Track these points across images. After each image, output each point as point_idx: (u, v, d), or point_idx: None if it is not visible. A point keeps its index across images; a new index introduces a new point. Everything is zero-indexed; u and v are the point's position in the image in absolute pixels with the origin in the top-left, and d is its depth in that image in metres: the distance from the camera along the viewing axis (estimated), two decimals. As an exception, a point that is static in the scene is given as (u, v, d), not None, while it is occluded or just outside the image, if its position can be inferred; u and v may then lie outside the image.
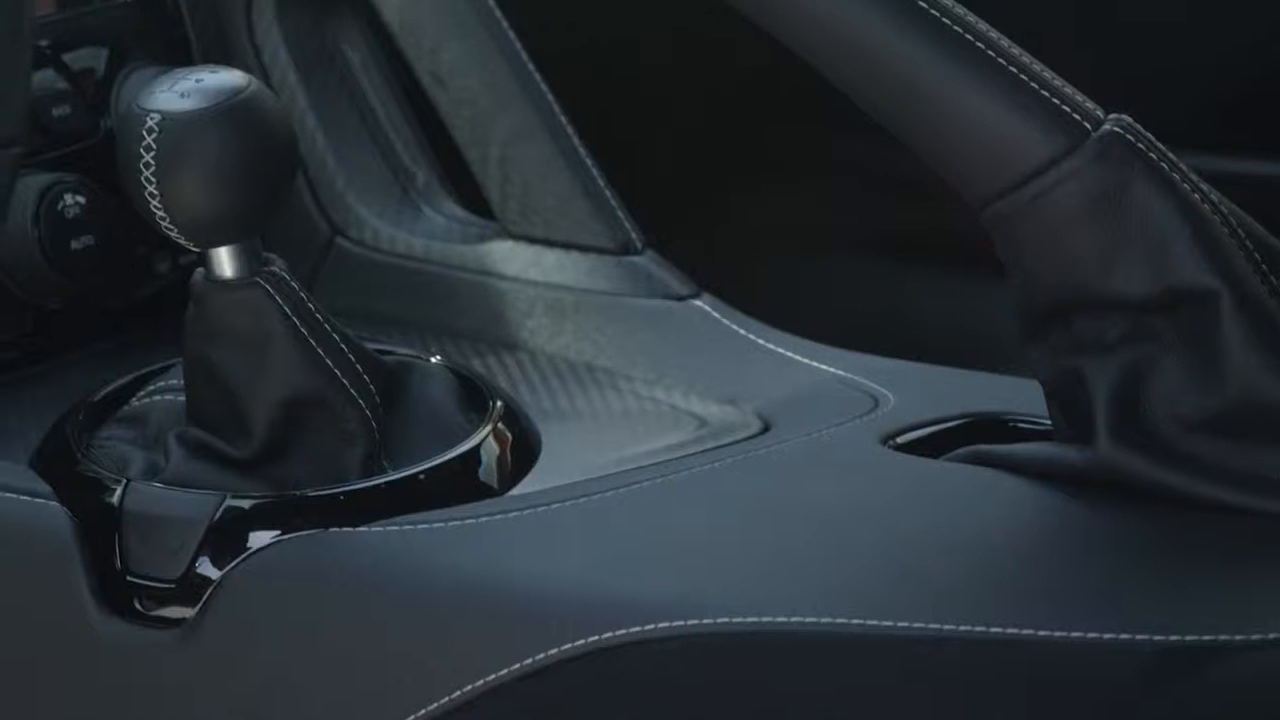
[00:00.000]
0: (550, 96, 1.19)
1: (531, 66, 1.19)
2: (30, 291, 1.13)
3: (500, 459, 1.02)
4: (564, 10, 1.48)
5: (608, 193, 1.18)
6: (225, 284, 0.98)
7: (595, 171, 1.19)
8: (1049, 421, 0.94)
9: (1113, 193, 0.88)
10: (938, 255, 1.52)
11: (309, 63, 1.23)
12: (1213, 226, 0.88)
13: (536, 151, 1.18)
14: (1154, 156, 0.88)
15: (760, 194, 1.63)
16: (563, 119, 1.19)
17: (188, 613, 0.95)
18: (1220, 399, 0.88)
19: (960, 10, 0.91)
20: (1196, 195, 0.88)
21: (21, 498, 0.99)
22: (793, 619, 0.86)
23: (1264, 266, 0.89)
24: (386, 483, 0.98)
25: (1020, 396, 1.00)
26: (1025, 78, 0.89)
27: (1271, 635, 0.82)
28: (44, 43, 1.15)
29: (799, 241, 1.62)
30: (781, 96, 1.55)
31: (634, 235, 1.18)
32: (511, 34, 1.19)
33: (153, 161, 0.94)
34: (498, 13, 1.20)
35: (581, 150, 1.19)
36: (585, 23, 1.51)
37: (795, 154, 1.62)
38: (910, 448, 0.99)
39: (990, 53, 0.90)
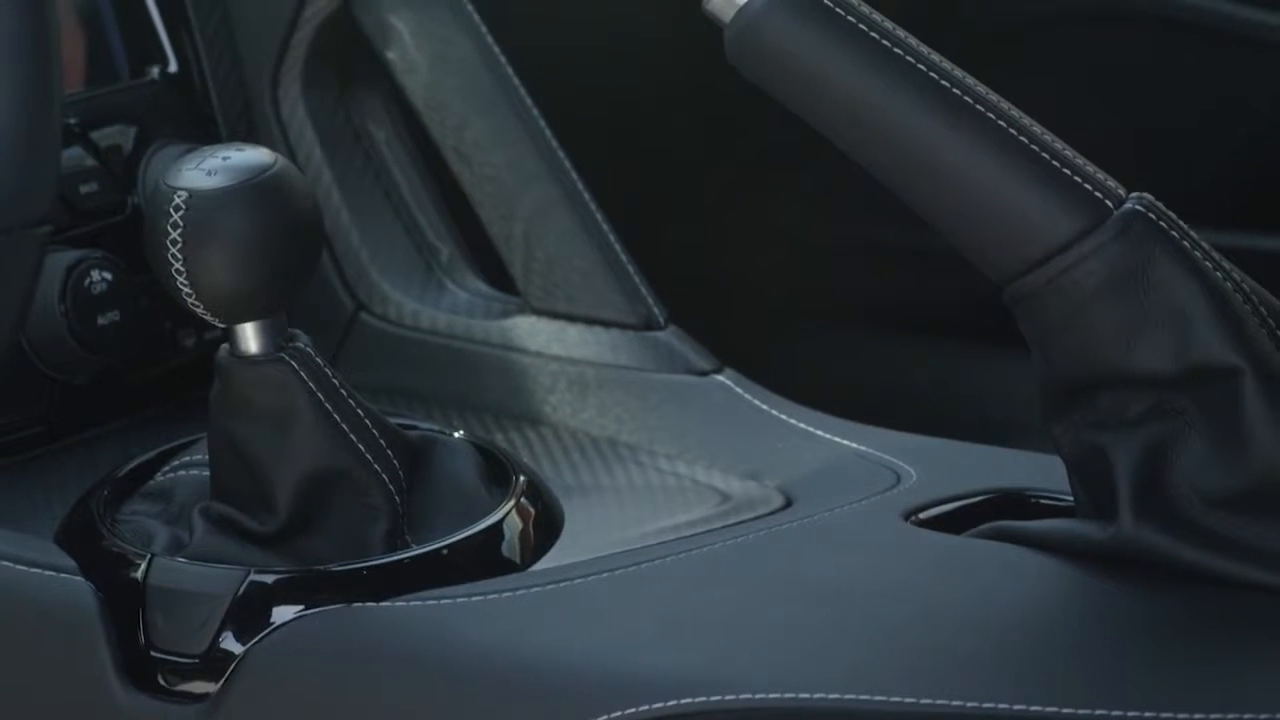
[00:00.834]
0: (574, 173, 1.20)
1: (555, 143, 1.20)
2: (56, 367, 1.13)
3: (523, 534, 1.02)
4: (585, 86, 1.49)
5: (630, 268, 1.19)
6: (250, 359, 0.98)
7: (618, 247, 1.19)
8: (1071, 498, 0.94)
9: (1135, 270, 0.88)
10: (960, 329, 1.52)
11: (334, 140, 1.24)
12: (1235, 303, 0.88)
13: (560, 227, 1.19)
14: (1175, 234, 0.89)
15: (780, 269, 1.63)
16: (586, 195, 1.19)
17: (211, 688, 0.95)
18: (1243, 476, 0.88)
19: (982, 89, 0.91)
20: (1218, 273, 0.89)
21: (47, 573, 0.99)
22: (815, 695, 0.86)
23: (1287, 343, 0.89)
24: (410, 558, 0.98)
25: (1042, 472, 1.00)
26: (1047, 156, 0.90)
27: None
28: (72, 121, 1.16)
29: (821, 316, 1.63)
30: (801, 174, 1.56)
31: (656, 311, 1.18)
32: (535, 111, 1.20)
33: (179, 238, 0.95)
34: (521, 90, 1.20)
35: (605, 226, 1.19)
36: (606, 99, 1.52)
37: (816, 230, 1.62)
38: (932, 523, 0.99)
39: (1012, 130, 0.90)
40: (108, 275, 1.13)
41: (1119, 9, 1.50)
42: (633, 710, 0.87)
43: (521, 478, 1.04)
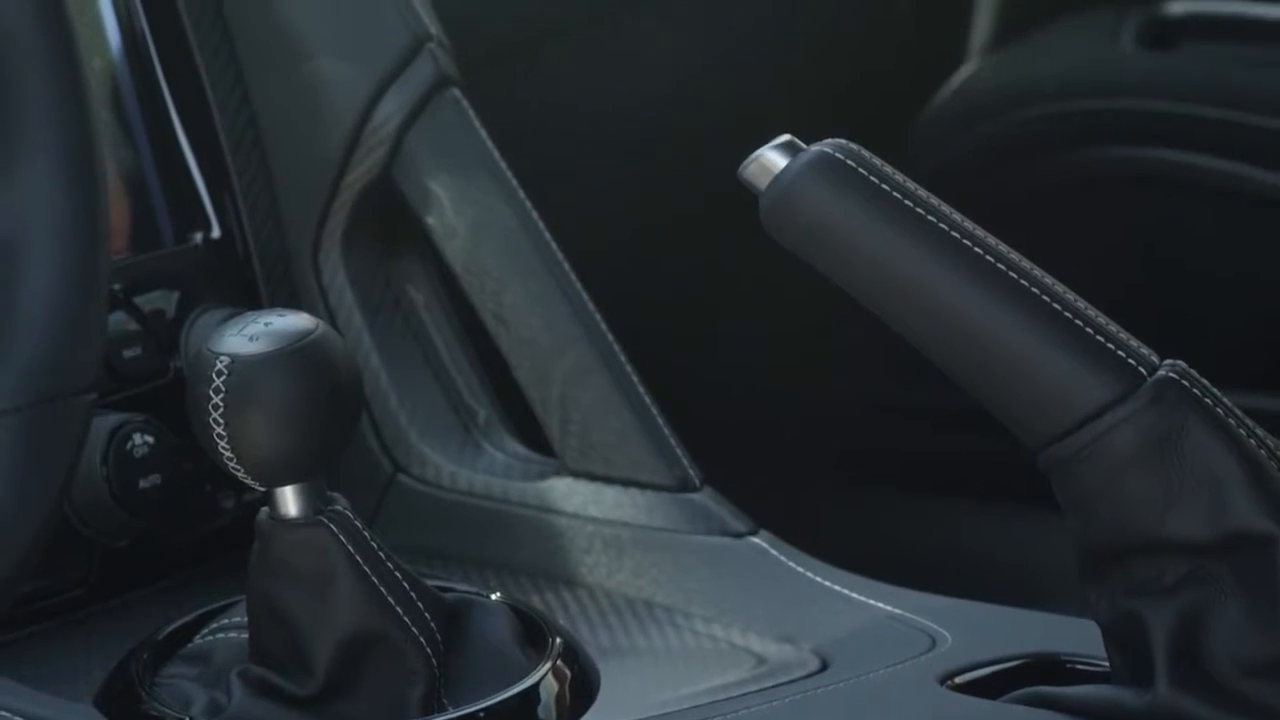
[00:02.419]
0: (610, 336, 1.21)
1: (592, 307, 1.21)
2: (97, 530, 1.14)
3: (559, 696, 1.02)
4: (622, 250, 1.51)
5: (666, 430, 1.20)
6: (289, 523, 0.99)
7: (654, 409, 1.20)
8: (1107, 663, 0.94)
9: (1168, 437, 0.88)
10: (993, 490, 1.53)
11: (374, 304, 1.25)
12: (1269, 470, 0.88)
13: (596, 390, 1.20)
14: (1209, 401, 0.89)
15: (814, 428, 1.64)
16: (622, 358, 1.20)
17: None
18: None
19: (1014, 255, 0.92)
20: (1252, 440, 0.89)
21: (86, 736, 0.99)
22: None
23: (1321, 510, 0.89)
24: (446, 720, 0.98)
25: (1078, 637, 0.99)
26: (1080, 322, 0.90)
27: None
28: (117, 286, 1.16)
29: (855, 476, 1.63)
30: (835, 335, 1.57)
31: (692, 472, 1.19)
32: (573, 275, 1.21)
33: (221, 403, 0.96)
34: (559, 255, 1.22)
35: (640, 389, 1.20)
36: (642, 263, 1.54)
37: (850, 389, 1.63)
38: (968, 688, 0.99)
39: (1044, 297, 0.91)
40: (149, 439, 1.14)
41: (1149, 173, 1.52)
42: None
43: (558, 640, 1.04)
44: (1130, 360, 0.90)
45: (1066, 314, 0.91)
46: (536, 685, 1.01)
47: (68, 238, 0.91)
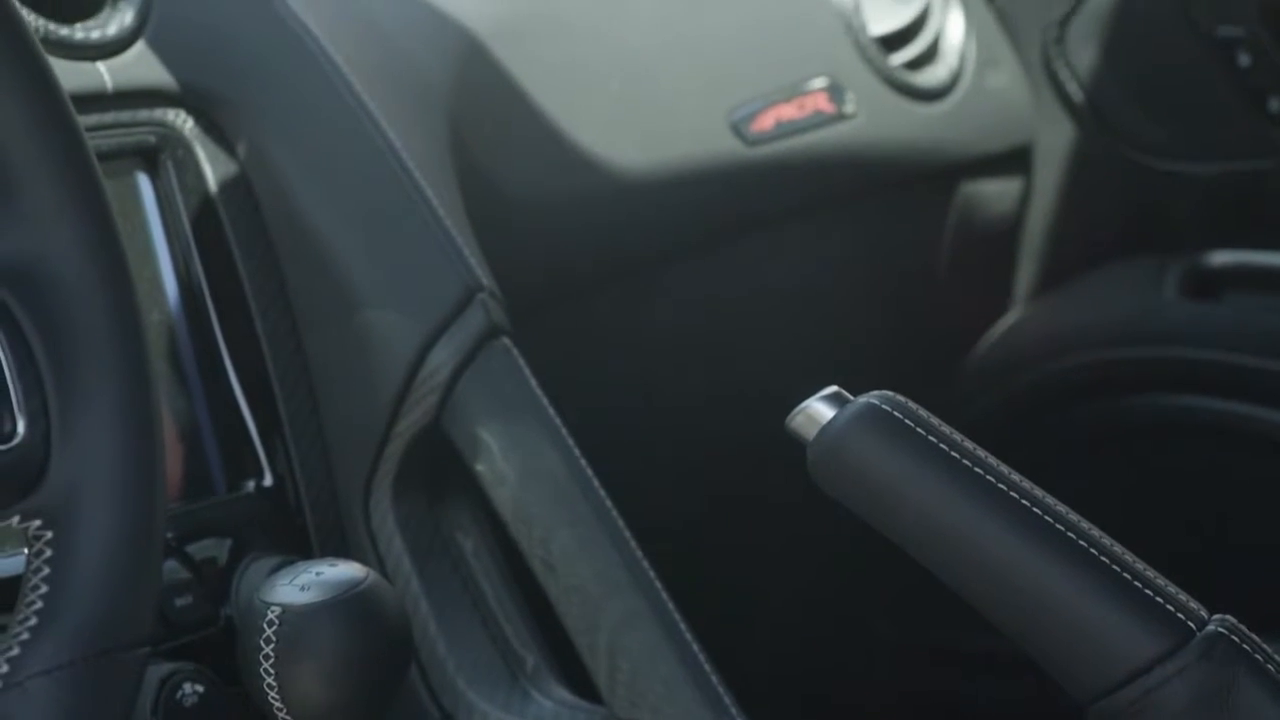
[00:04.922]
0: (658, 584, 1.21)
1: (640, 554, 1.21)
2: (144, 779, 1.14)
3: None
4: (667, 491, 1.51)
5: (714, 679, 1.19)
6: (338, 772, 0.99)
7: (702, 657, 1.20)
8: None
9: (1219, 693, 0.88)
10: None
11: (423, 549, 1.26)
12: (1321, 725, 0.88)
13: (644, 638, 1.20)
14: (1259, 658, 0.89)
15: (865, 676, 1.63)
16: (670, 606, 1.20)
17: None
18: None
19: (1061, 508, 0.93)
20: (1303, 696, 0.89)
21: None
22: None
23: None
24: None
25: None
26: (1128, 576, 0.90)
27: None
28: (169, 535, 1.17)
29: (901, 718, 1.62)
30: (884, 580, 1.57)
31: (739, 719, 1.18)
32: (621, 523, 1.22)
33: (272, 654, 0.96)
34: (608, 501, 1.22)
35: (689, 637, 1.20)
36: (688, 506, 1.54)
37: (901, 634, 1.62)
38: None
39: (1092, 550, 0.91)
40: (199, 688, 1.14)
41: (1194, 422, 1.52)
42: None
43: None
44: (1179, 614, 0.90)
45: (1114, 567, 0.91)
46: None
47: (125, 493, 0.92)
